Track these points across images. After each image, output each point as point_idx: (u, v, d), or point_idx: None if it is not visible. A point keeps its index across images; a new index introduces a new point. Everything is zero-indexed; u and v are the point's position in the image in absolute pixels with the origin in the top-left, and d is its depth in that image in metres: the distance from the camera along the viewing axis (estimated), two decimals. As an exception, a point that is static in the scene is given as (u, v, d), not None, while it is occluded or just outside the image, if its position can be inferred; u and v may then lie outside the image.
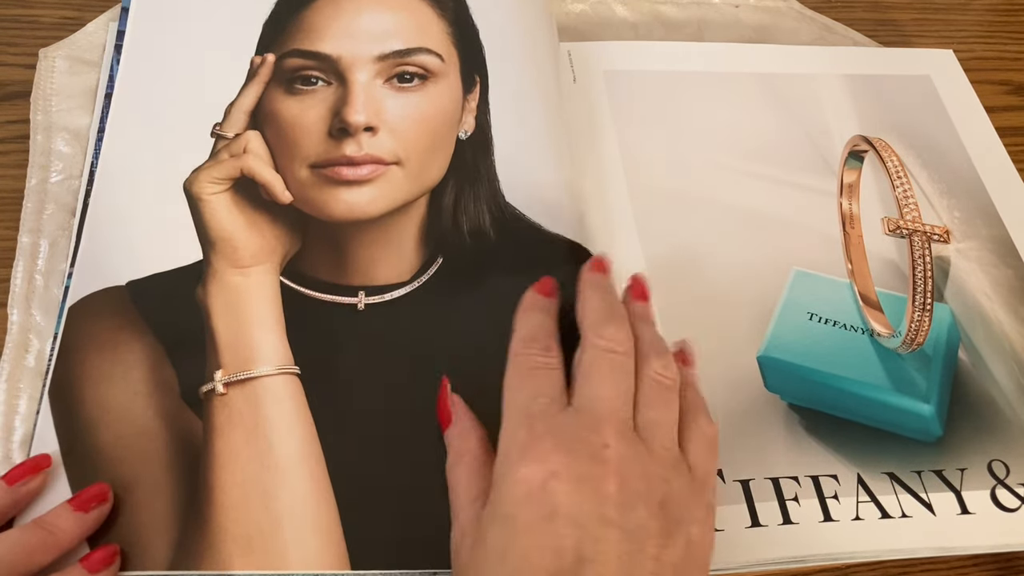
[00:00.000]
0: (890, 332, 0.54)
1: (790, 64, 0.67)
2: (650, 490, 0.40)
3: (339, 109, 0.52)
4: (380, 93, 0.53)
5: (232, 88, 0.55)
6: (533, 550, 0.38)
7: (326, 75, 0.53)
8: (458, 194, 0.54)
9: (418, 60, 0.54)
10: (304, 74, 0.54)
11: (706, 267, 0.56)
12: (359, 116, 0.52)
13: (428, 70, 0.54)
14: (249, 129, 0.54)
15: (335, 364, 0.49)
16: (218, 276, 0.50)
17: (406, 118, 0.53)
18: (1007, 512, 0.49)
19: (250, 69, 0.56)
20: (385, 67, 0.54)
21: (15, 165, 0.56)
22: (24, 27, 0.62)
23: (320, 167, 0.52)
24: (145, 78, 0.57)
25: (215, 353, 0.48)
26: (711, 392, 0.51)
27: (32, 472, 0.44)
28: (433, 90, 0.54)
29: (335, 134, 0.52)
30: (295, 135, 0.53)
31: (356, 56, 0.54)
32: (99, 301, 0.50)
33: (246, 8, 0.58)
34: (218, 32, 0.59)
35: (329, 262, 0.52)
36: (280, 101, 0.54)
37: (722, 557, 0.46)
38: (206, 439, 0.46)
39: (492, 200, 0.54)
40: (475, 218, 0.53)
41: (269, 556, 0.44)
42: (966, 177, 0.63)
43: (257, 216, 0.52)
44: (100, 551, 0.42)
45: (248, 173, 0.52)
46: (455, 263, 0.51)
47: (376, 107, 0.53)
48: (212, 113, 0.55)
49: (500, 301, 0.49)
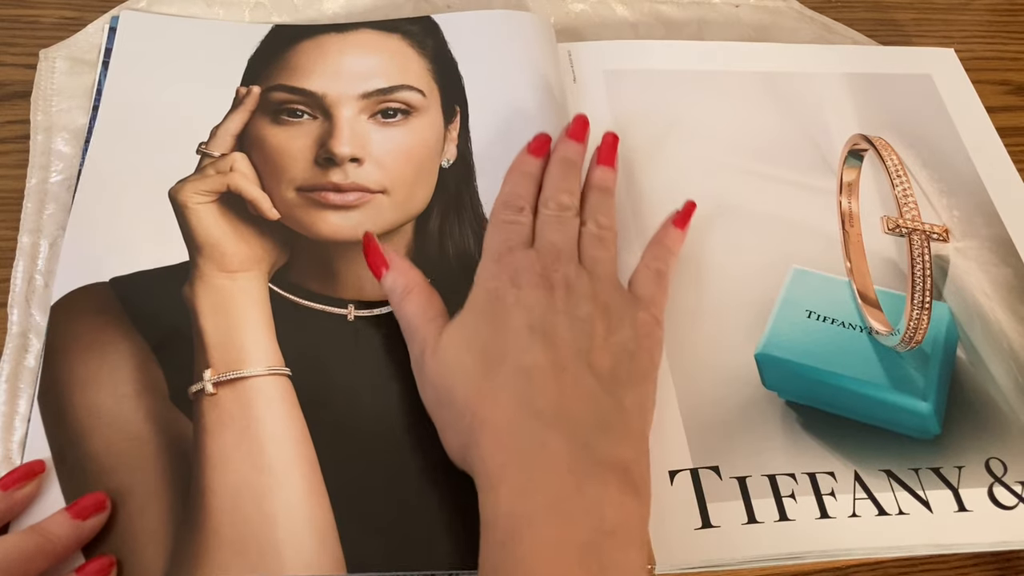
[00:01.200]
0: (889, 330, 0.54)
1: (790, 63, 0.67)
2: (595, 296, 0.47)
3: (325, 141, 0.54)
4: (365, 128, 0.55)
5: (217, 111, 0.57)
6: (500, 328, 0.45)
7: (312, 110, 0.55)
8: (443, 220, 0.55)
9: (400, 96, 0.57)
10: (290, 107, 0.56)
11: (704, 265, 0.56)
12: (345, 148, 0.54)
13: (410, 105, 0.56)
14: (235, 151, 0.55)
15: (326, 367, 0.49)
16: (206, 278, 0.50)
17: (391, 151, 0.55)
18: (1004, 510, 0.49)
19: (236, 98, 0.57)
20: (369, 104, 0.56)
21: (15, 165, 0.56)
22: (24, 27, 0.62)
23: (307, 190, 0.53)
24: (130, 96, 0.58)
25: (204, 353, 0.48)
26: (710, 389, 0.52)
27: (26, 478, 0.44)
28: (416, 124, 0.56)
29: (321, 163, 0.54)
30: (282, 161, 0.54)
31: (341, 94, 0.56)
32: (83, 298, 0.50)
33: (231, 42, 0.60)
34: (203, 60, 0.60)
35: (318, 275, 0.52)
36: (266, 129, 0.55)
37: (719, 554, 0.46)
38: (196, 441, 0.46)
39: (477, 223, 0.55)
40: (460, 242, 0.54)
41: (264, 559, 0.44)
42: (966, 176, 0.62)
43: (244, 227, 0.53)
44: (95, 562, 0.42)
45: (234, 190, 0.53)
46: (443, 284, 0.51)
47: (361, 140, 0.55)
48: (196, 134, 0.56)
49: None
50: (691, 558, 0.46)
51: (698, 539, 0.47)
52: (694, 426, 0.50)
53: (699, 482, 0.48)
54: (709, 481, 0.48)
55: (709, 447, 0.50)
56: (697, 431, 0.50)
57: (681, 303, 0.54)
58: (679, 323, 0.54)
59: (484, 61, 0.61)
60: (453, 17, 0.62)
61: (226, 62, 0.59)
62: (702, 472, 0.49)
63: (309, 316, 0.51)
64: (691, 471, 0.49)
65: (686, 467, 0.49)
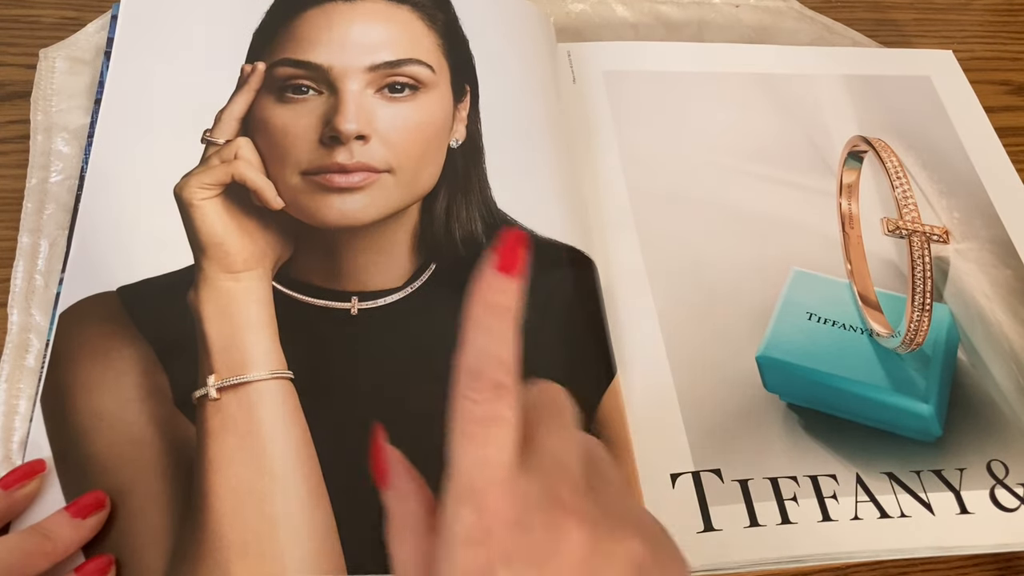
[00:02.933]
0: (889, 332, 0.54)
1: (790, 64, 0.67)
2: (625, 541, 0.32)
3: (330, 118, 0.53)
4: (371, 103, 0.54)
5: (222, 94, 0.56)
6: None
7: (317, 84, 0.54)
8: (450, 202, 0.54)
9: (409, 71, 0.55)
10: (295, 83, 0.54)
11: (705, 267, 0.56)
12: (350, 125, 0.52)
13: (419, 81, 0.55)
14: (240, 136, 0.54)
15: (329, 368, 0.49)
16: (210, 281, 0.50)
17: (397, 128, 0.54)
18: (1006, 512, 0.49)
19: (240, 77, 0.56)
20: (376, 77, 0.54)
21: (15, 165, 0.56)
22: (24, 27, 0.62)
23: (311, 174, 0.53)
24: (133, 84, 0.57)
25: (208, 358, 0.48)
26: (711, 391, 0.52)
27: (27, 477, 0.44)
28: (424, 100, 0.55)
29: (326, 142, 0.53)
30: (286, 142, 0.53)
31: (347, 66, 0.54)
32: (90, 307, 0.50)
33: (236, 17, 0.59)
34: (207, 40, 0.59)
35: (322, 268, 0.52)
36: (271, 109, 0.54)
37: (720, 557, 0.46)
38: (200, 444, 0.46)
39: (484, 207, 0.54)
40: (467, 225, 0.53)
41: (265, 561, 0.44)
42: (965, 178, 0.63)
43: (248, 222, 0.52)
44: (94, 562, 0.42)
45: (239, 179, 0.52)
46: (448, 269, 0.51)
47: (367, 116, 0.53)
48: (201, 119, 0.55)
49: None
50: (693, 561, 0.46)
51: (700, 542, 0.47)
52: (696, 429, 0.50)
53: (701, 485, 0.48)
54: (711, 484, 0.48)
55: (711, 450, 0.50)
56: (699, 434, 0.50)
57: (682, 306, 0.54)
58: (680, 326, 0.54)
59: (494, 41, 0.60)
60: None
61: (231, 38, 0.58)
62: (704, 475, 0.49)
63: (312, 313, 0.50)
64: (693, 474, 0.49)
65: (688, 470, 0.49)
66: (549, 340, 0.50)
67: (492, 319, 0.35)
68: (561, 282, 0.52)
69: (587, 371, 0.50)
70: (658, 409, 0.50)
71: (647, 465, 0.48)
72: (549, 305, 0.51)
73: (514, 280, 0.35)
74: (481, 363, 0.35)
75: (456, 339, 0.36)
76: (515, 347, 0.34)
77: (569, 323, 0.51)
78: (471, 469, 0.33)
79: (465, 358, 0.35)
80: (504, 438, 0.33)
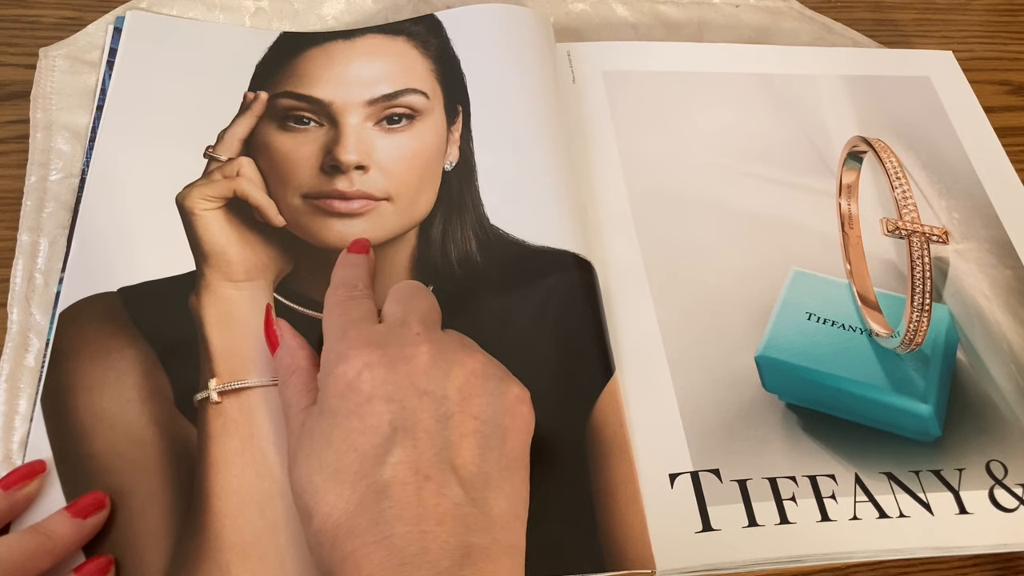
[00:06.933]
0: (888, 332, 0.54)
1: (790, 65, 0.67)
2: (464, 359, 0.42)
3: (331, 148, 0.55)
4: (370, 135, 0.56)
5: (223, 115, 0.57)
6: (353, 433, 0.39)
7: (318, 117, 0.56)
8: (446, 224, 0.55)
9: (406, 101, 0.57)
10: (297, 114, 0.56)
11: (704, 267, 0.56)
12: (351, 155, 0.55)
13: (415, 109, 0.57)
14: (242, 155, 0.55)
15: None
16: (212, 287, 0.51)
17: (396, 158, 0.56)
18: (1005, 512, 0.49)
19: (243, 103, 0.58)
20: (375, 111, 0.56)
21: (15, 165, 0.56)
22: (24, 27, 0.62)
23: (312, 198, 0.54)
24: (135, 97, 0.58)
25: (209, 362, 0.49)
26: (710, 391, 0.51)
27: (28, 477, 0.44)
28: (420, 127, 0.57)
29: (327, 170, 0.54)
30: (287, 166, 0.55)
31: (347, 101, 0.57)
32: (90, 307, 0.50)
33: (237, 48, 0.60)
34: (209, 65, 0.60)
35: (323, 284, 0.52)
36: (273, 135, 0.56)
37: (719, 557, 0.46)
38: (201, 446, 0.46)
39: (477, 224, 0.55)
40: (462, 245, 0.54)
41: (266, 563, 0.44)
42: (965, 178, 0.63)
43: (250, 235, 0.53)
44: (93, 561, 0.42)
45: (241, 195, 0.54)
46: (445, 291, 0.51)
47: (367, 148, 0.55)
48: (203, 135, 0.56)
49: (490, 322, 0.51)
50: (691, 561, 0.46)
51: (698, 542, 0.47)
52: (694, 429, 0.50)
53: (699, 485, 0.48)
54: (709, 484, 0.48)
55: (709, 450, 0.50)
56: (697, 434, 0.50)
57: (681, 305, 0.54)
58: (679, 325, 0.54)
59: (485, 55, 0.61)
60: (454, 13, 0.62)
61: (233, 66, 0.59)
62: (702, 475, 0.49)
63: (314, 325, 0.51)
64: (691, 474, 0.49)
65: (686, 470, 0.49)
66: (546, 342, 0.51)
67: (349, 261, 0.50)
68: (558, 286, 0.52)
69: (584, 371, 0.50)
70: (657, 409, 0.50)
71: (646, 465, 0.48)
72: (546, 309, 0.51)
73: None
74: (342, 279, 0.48)
75: None
76: (367, 277, 0.49)
77: (566, 325, 0.51)
78: (340, 322, 0.44)
79: (332, 281, 0.48)
80: (363, 308, 0.46)
